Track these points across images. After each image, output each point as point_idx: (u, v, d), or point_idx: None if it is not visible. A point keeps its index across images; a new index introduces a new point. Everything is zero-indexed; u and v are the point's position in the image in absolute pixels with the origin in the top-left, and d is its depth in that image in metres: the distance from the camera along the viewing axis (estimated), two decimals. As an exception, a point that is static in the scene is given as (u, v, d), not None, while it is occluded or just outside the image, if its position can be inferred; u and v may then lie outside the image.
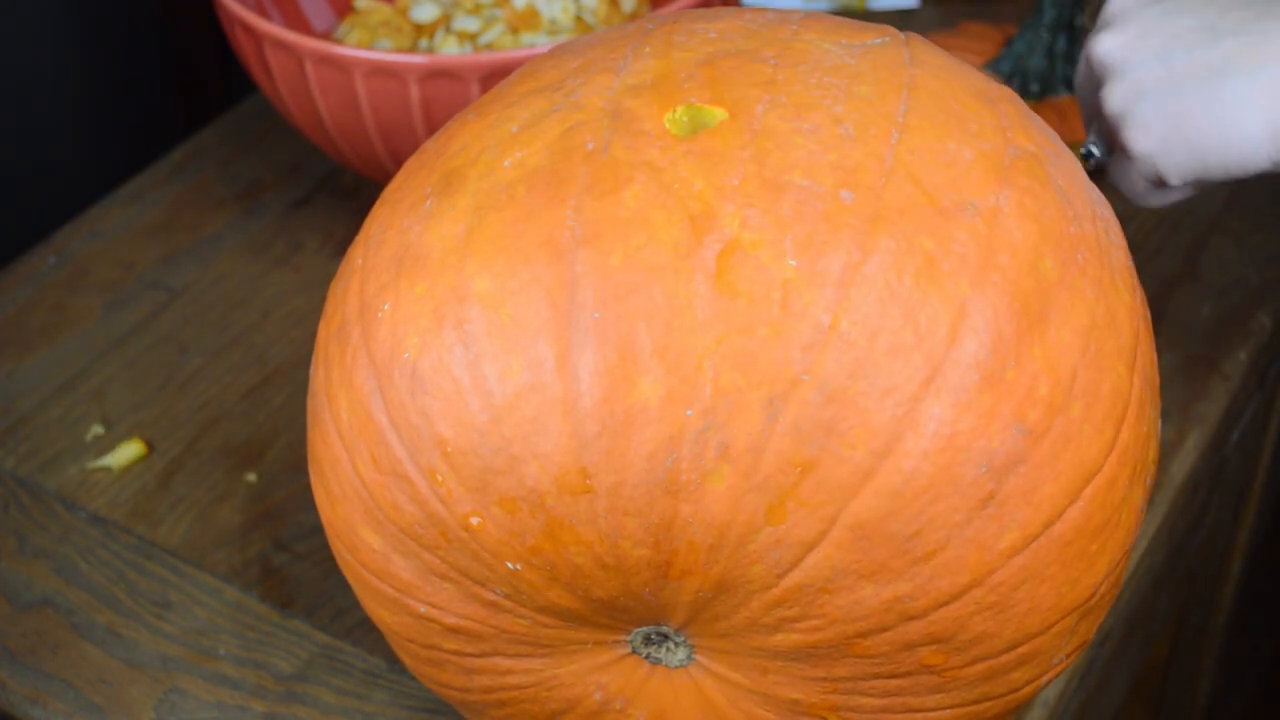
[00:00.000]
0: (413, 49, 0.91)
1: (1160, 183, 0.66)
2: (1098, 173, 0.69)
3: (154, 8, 1.09)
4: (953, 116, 0.51)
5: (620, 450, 0.46)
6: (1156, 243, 0.88)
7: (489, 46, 0.88)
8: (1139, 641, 0.89)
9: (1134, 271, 0.55)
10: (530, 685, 0.55)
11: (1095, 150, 0.69)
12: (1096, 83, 0.67)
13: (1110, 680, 0.83)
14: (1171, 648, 1.08)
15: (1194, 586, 1.03)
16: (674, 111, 0.51)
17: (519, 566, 0.49)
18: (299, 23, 0.93)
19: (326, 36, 0.93)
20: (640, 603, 0.50)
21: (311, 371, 0.56)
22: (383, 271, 0.51)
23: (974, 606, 0.49)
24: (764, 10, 0.57)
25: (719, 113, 0.50)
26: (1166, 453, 0.76)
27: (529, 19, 0.90)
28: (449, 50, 0.88)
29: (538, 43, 0.89)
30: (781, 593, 0.48)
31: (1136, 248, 0.87)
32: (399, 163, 0.82)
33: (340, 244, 0.91)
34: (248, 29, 0.80)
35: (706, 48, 0.54)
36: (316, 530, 0.74)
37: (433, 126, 0.79)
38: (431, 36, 0.91)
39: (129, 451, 0.78)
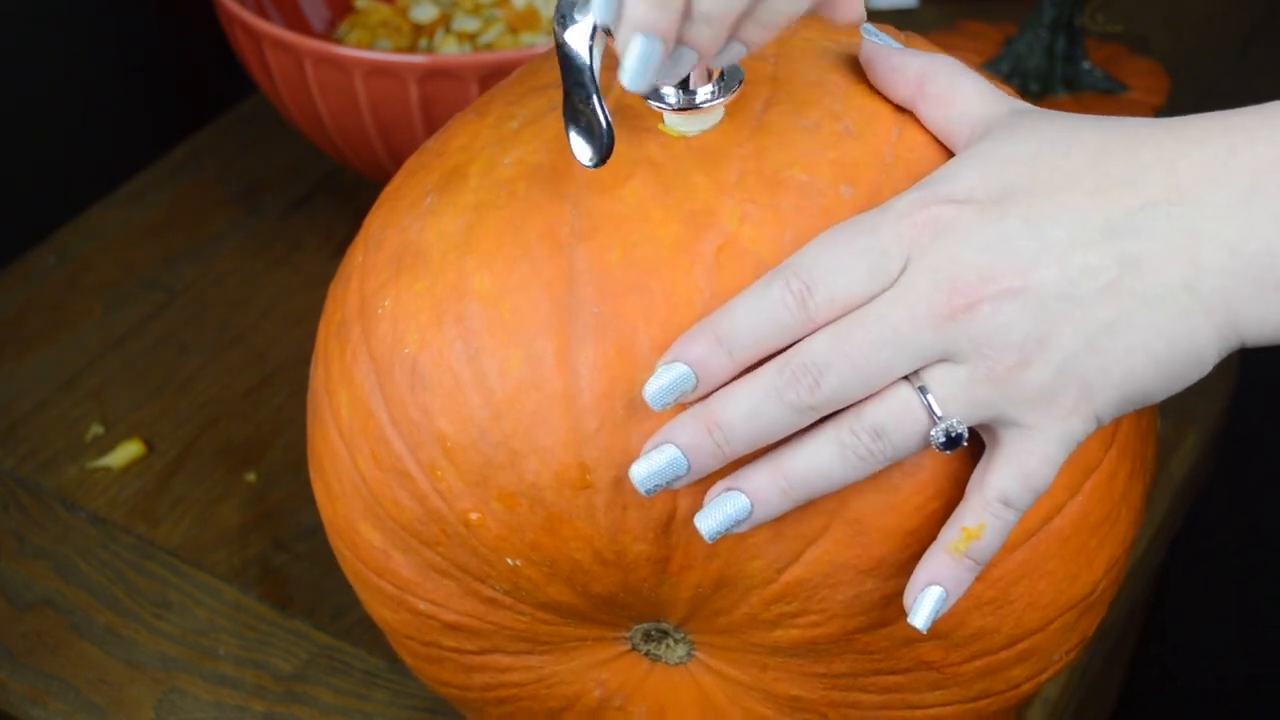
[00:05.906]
0: (412, 49, 0.91)
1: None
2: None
3: (154, 8, 1.10)
4: (952, 113, 0.51)
5: (620, 445, 0.46)
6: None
7: (488, 46, 0.89)
8: (1135, 638, 0.89)
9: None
10: (530, 682, 0.55)
11: (961, 429, 0.46)
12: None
13: (1108, 677, 0.83)
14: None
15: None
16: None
17: (518, 562, 0.49)
18: (299, 23, 0.93)
19: (326, 36, 0.93)
20: (639, 599, 0.50)
21: (312, 369, 0.56)
22: (383, 269, 0.51)
23: (973, 602, 0.49)
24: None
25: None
26: (1165, 451, 0.76)
27: (529, 19, 0.90)
28: (448, 50, 0.88)
29: (537, 43, 0.89)
30: (781, 588, 0.48)
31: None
32: (399, 162, 0.82)
33: (340, 244, 0.91)
34: (248, 29, 0.80)
35: (706, 45, 0.54)
36: (316, 530, 0.74)
37: (432, 126, 0.79)
38: (431, 36, 0.91)
39: (129, 451, 0.78)
